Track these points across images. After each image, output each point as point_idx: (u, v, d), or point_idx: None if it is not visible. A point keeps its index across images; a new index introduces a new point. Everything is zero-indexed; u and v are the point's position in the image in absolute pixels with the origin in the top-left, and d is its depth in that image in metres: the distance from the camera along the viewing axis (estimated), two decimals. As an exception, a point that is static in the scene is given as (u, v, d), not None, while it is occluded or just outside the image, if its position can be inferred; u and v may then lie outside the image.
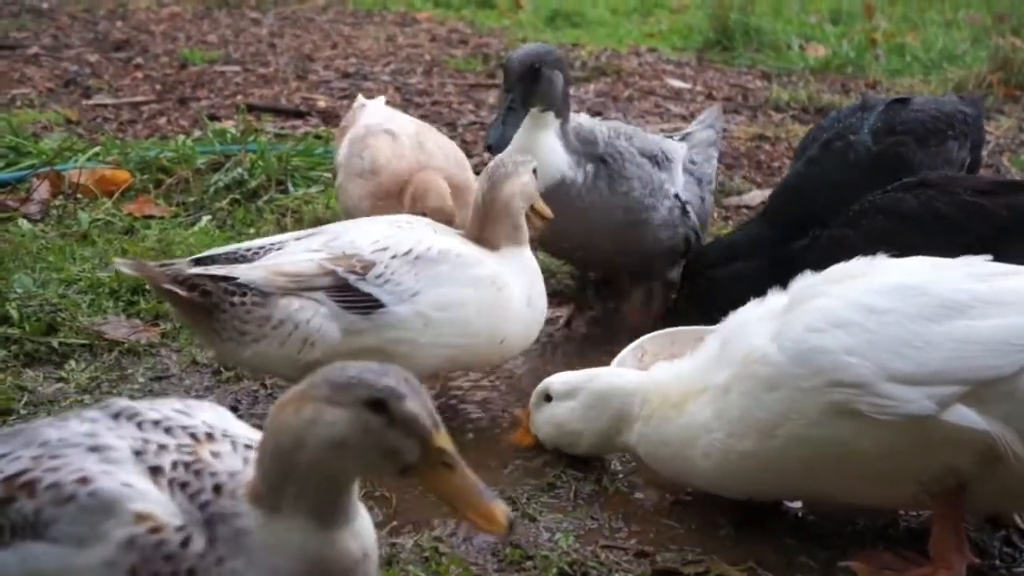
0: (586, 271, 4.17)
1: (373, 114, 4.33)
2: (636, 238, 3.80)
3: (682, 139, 4.20)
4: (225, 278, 2.90)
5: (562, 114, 3.64)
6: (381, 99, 4.62)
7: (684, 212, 3.88)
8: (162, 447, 1.83)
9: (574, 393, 2.93)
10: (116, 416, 1.90)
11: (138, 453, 1.82)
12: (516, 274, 3.19)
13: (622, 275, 4.07)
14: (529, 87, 3.52)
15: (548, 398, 2.99)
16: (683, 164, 4.01)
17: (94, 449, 1.81)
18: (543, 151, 3.56)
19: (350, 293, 2.94)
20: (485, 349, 3.14)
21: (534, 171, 3.28)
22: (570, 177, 3.64)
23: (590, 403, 2.89)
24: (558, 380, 2.99)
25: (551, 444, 3.01)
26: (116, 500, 1.74)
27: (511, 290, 3.17)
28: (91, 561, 1.71)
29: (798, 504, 2.82)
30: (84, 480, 1.76)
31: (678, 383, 2.72)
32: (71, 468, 1.77)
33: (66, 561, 1.72)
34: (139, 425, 1.89)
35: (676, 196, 3.86)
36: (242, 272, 2.91)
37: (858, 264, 2.62)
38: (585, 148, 3.70)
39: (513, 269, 3.19)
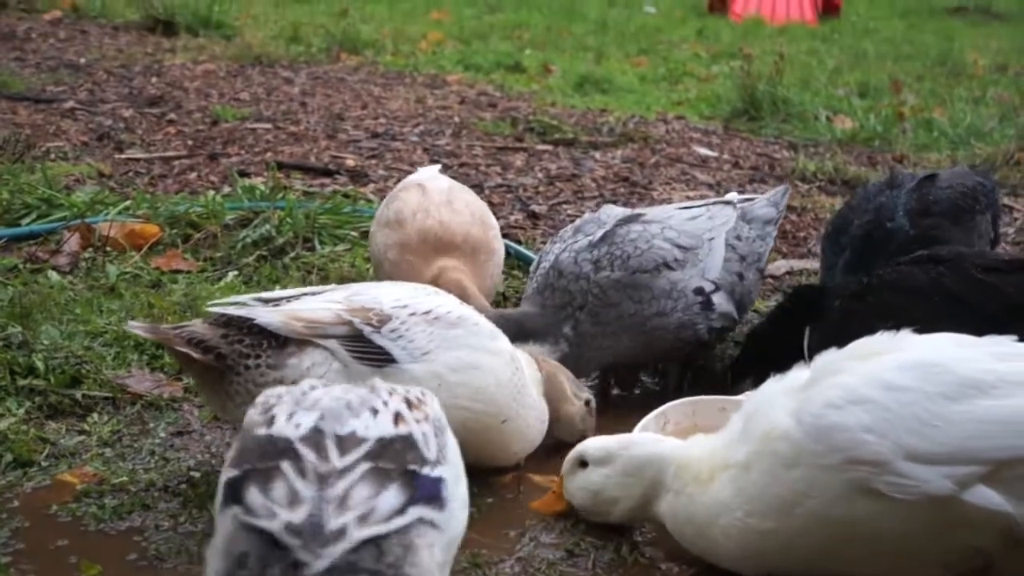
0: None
1: (419, 173, 4.49)
2: (647, 344, 3.77)
3: (743, 201, 4.12)
4: (242, 323, 2.92)
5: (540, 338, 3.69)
6: (436, 167, 4.71)
7: (707, 305, 3.75)
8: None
9: (610, 459, 2.86)
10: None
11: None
12: (528, 367, 3.30)
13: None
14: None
15: (583, 464, 2.94)
16: (726, 238, 3.89)
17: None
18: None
19: (364, 344, 2.94)
20: (491, 421, 3.11)
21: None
22: (559, 351, 3.68)
23: (627, 470, 2.83)
24: (593, 446, 2.93)
25: (585, 511, 2.95)
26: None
27: (526, 376, 3.23)
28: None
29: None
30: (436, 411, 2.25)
31: (708, 458, 2.69)
32: (436, 405, 2.25)
33: (459, 472, 2.17)
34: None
35: (698, 290, 3.75)
36: (260, 315, 2.92)
37: (882, 340, 2.60)
38: (556, 313, 3.70)
39: (527, 363, 3.31)
